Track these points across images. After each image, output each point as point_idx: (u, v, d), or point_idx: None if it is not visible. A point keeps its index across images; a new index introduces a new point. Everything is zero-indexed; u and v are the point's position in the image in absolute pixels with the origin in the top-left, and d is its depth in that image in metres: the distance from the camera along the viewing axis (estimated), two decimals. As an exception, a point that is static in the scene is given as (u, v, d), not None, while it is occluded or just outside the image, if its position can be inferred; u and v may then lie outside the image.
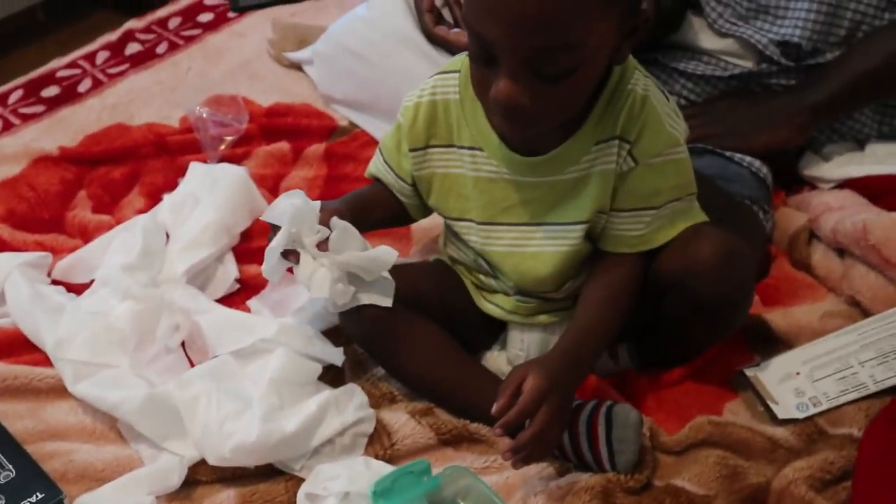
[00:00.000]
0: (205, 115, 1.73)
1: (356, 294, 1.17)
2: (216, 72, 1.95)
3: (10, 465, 1.21)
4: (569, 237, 1.17)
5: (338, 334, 1.33)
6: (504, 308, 1.28)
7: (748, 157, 1.46)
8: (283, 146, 1.73)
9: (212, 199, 1.52)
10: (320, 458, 1.20)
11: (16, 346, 1.39)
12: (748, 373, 1.28)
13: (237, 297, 1.46)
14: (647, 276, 1.18)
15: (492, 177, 1.18)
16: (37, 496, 1.18)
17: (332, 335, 1.33)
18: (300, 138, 1.74)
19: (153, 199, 1.61)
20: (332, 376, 1.31)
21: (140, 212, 1.58)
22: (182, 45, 2.05)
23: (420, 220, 1.33)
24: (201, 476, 1.21)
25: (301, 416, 1.19)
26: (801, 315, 1.35)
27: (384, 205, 1.27)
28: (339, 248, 1.15)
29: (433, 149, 1.21)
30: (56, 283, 1.48)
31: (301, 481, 1.18)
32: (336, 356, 1.28)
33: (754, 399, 1.27)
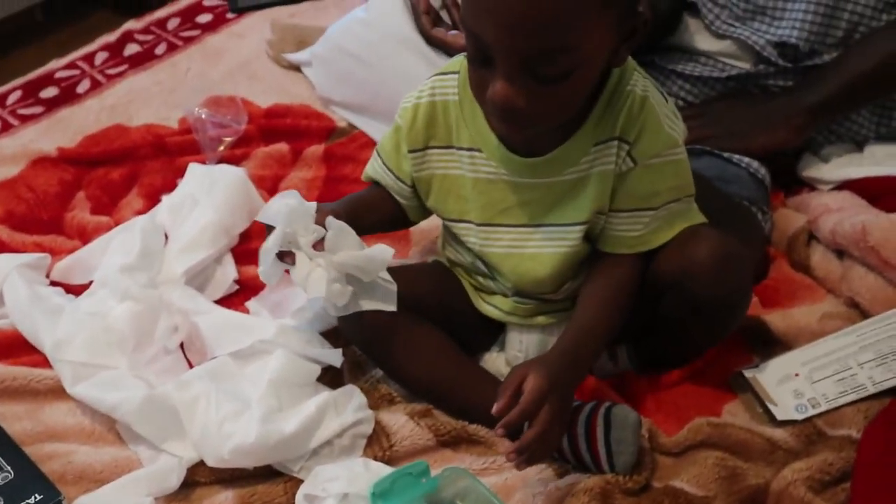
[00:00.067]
0: (204, 115, 1.73)
1: (359, 301, 1.16)
2: (215, 73, 1.95)
3: (9, 467, 1.21)
4: (568, 238, 1.17)
5: (336, 336, 1.33)
6: (502, 309, 1.28)
7: (746, 158, 1.46)
8: (281, 147, 1.72)
9: (210, 200, 1.52)
10: (319, 459, 1.20)
11: (14, 348, 1.39)
12: (747, 374, 1.28)
13: (236, 299, 1.46)
14: (646, 277, 1.18)
15: (491, 178, 1.18)
16: (35, 497, 1.18)
17: (331, 336, 1.33)
18: (299, 139, 1.74)
19: (152, 200, 1.61)
20: (331, 378, 1.31)
21: (139, 213, 1.58)
22: (181, 45, 2.05)
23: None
24: (200, 477, 1.21)
25: (300, 418, 1.19)
26: (799, 316, 1.35)
27: (382, 208, 1.26)
28: (334, 248, 1.13)
29: (432, 150, 1.21)
30: (55, 284, 1.48)
31: (300, 482, 1.18)
32: (335, 357, 1.28)
33: (753, 400, 1.27)
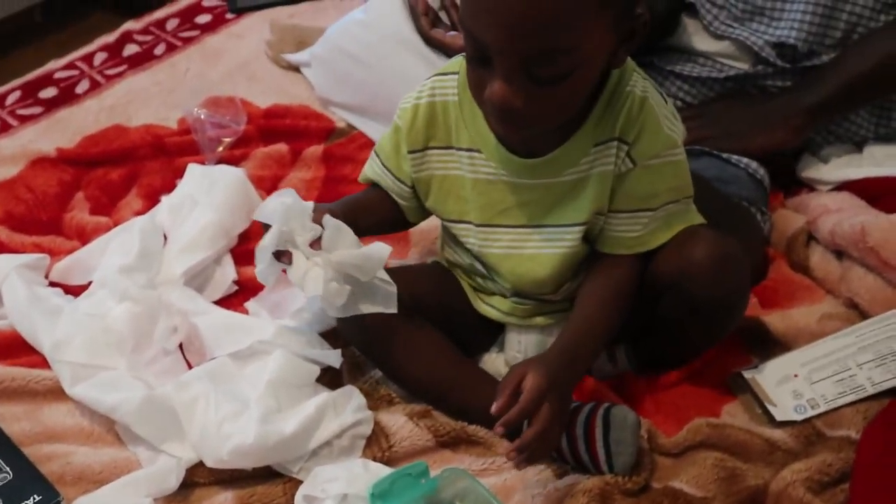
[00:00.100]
0: (203, 116, 1.73)
1: (359, 304, 1.16)
2: (214, 73, 1.95)
3: (8, 468, 1.21)
4: (567, 239, 1.17)
5: (336, 336, 1.33)
6: (501, 310, 1.28)
7: (745, 159, 1.46)
8: (281, 147, 1.73)
9: (210, 200, 1.52)
10: (318, 460, 1.20)
11: (13, 348, 1.39)
12: (746, 375, 1.28)
13: (235, 299, 1.46)
14: (644, 277, 1.18)
15: (490, 178, 1.18)
16: (34, 498, 1.18)
17: (330, 337, 1.33)
18: (298, 140, 1.74)
19: (151, 201, 1.61)
20: (330, 378, 1.31)
21: (138, 213, 1.58)
22: (180, 46, 2.05)
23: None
24: (199, 478, 1.21)
25: (299, 418, 1.19)
26: (799, 317, 1.35)
27: (380, 210, 1.26)
28: (331, 247, 1.12)
29: (432, 150, 1.20)
30: (54, 284, 1.48)
31: (299, 483, 1.18)
32: (334, 358, 1.28)
33: (752, 401, 1.27)
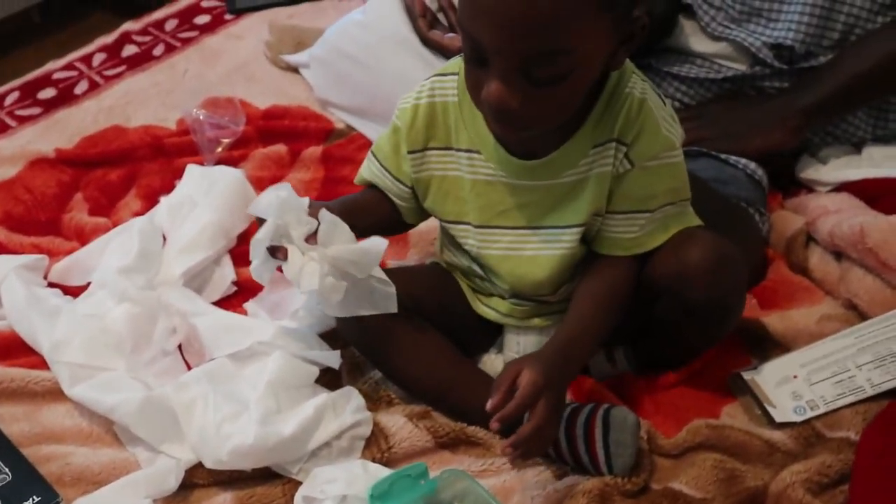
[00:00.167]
0: (202, 117, 1.73)
1: (358, 307, 1.16)
2: (213, 74, 1.95)
3: (7, 469, 1.21)
4: (565, 240, 1.17)
5: (335, 337, 1.33)
6: (499, 311, 1.28)
7: (743, 160, 1.46)
8: (280, 148, 1.72)
9: (209, 201, 1.52)
10: (317, 461, 1.20)
11: (12, 349, 1.39)
12: (745, 376, 1.28)
13: (234, 300, 1.45)
14: (641, 279, 1.18)
15: (489, 180, 1.18)
16: (33, 499, 1.18)
17: (330, 338, 1.33)
18: (297, 141, 1.74)
19: (150, 202, 1.61)
20: (329, 379, 1.30)
21: (137, 214, 1.58)
22: (179, 47, 2.05)
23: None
24: (198, 479, 1.21)
25: (298, 419, 1.19)
26: (798, 318, 1.35)
27: (377, 211, 1.25)
28: (327, 242, 1.11)
29: (431, 151, 1.20)
30: (52, 285, 1.48)
31: (298, 484, 1.18)
32: (333, 359, 1.28)
33: (752, 402, 1.27)
